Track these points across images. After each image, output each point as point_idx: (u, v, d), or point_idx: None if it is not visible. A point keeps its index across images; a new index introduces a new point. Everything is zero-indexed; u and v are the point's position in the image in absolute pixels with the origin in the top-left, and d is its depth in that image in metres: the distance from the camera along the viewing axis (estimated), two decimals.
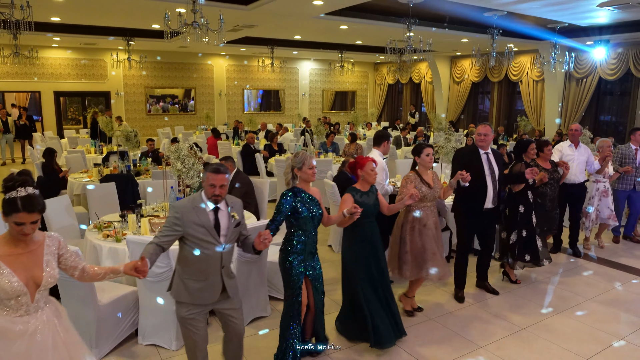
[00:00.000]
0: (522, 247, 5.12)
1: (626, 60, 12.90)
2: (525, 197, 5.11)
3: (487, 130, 4.74)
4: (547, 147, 5.58)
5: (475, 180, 4.49)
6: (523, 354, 3.97)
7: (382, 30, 11.39)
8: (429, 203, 4.36)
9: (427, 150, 4.37)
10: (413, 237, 4.32)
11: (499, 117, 16.95)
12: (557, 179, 5.73)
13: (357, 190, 3.88)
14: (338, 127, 15.59)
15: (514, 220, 5.11)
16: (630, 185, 6.69)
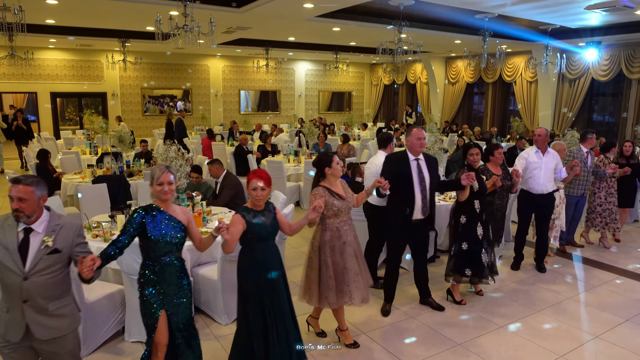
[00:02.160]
0: (463, 261, 4.72)
1: (618, 62, 13.00)
2: (470, 207, 4.69)
3: (422, 134, 4.37)
4: (497, 150, 5.19)
5: (403, 188, 4.24)
6: (500, 350, 4.07)
7: (375, 32, 11.50)
8: (345, 217, 3.86)
9: (336, 158, 3.90)
10: (335, 258, 3.79)
11: (494, 118, 17.06)
12: (507, 187, 5.28)
13: (248, 210, 3.30)
14: (333, 127, 15.70)
15: (456, 232, 4.80)
16: (582, 191, 6.43)
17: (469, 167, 4.80)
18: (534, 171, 5.57)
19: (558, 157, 5.69)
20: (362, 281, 3.86)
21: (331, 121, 19.17)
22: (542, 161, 5.56)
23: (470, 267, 4.69)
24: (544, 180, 5.55)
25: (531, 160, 5.60)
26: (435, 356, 3.98)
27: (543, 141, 5.60)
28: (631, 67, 12.73)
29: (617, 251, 6.75)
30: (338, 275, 3.78)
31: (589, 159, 6.34)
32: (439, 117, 18.20)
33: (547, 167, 5.56)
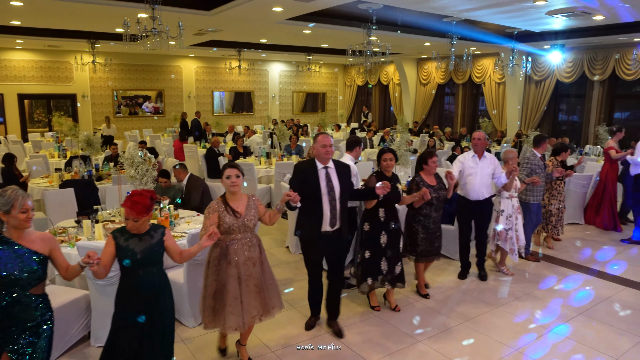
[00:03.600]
0: (364, 270, 4.61)
1: (581, 64, 13.44)
2: (374, 215, 4.53)
3: (328, 141, 4.02)
4: (431, 159, 4.88)
5: (310, 199, 3.92)
6: (457, 346, 4.22)
7: (346, 35, 11.63)
8: (238, 235, 3.52)
9: (228, 171, 3.52)
10: (218, 277, 3.54)
11: (464, 118, 17.40)
12: (442, 197, 4.96)
13: (123, 231, 3.02)
14: (306, 128, 15.79)
15: (360, 240, 4.68)
16: (541, 197, 6.25)
17: (380, 173, 4.59)
18: (469, 177, 5.36)
19: (496, 162, 5.45)
20: (239, 307, 3.50)
21: (305, 122, 19.28)
22: (478, 166, 5.34)
23: (370, 275, 4.59)
24: (479, 186, 5.33)
25: (467, 165, 5.38)
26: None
27: (482, 145, 5.37)
28: (593, 69, 13.17)
29: (560, 249, 7.02)
30: (217, 296, 3.52)
31: (542, 164, 6.17)
32: (411, 118, 18.47)
33: (483, 173, 5.33)
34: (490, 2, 8.09)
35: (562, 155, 6.62)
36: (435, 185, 4.90)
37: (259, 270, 3.63)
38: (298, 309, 4.84)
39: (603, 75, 13.00)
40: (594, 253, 6.80)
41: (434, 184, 4.90)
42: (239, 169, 3.55)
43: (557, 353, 4.12)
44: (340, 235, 4.15)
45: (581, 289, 5.54)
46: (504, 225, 5.61)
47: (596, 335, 4.43)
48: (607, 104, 13.41)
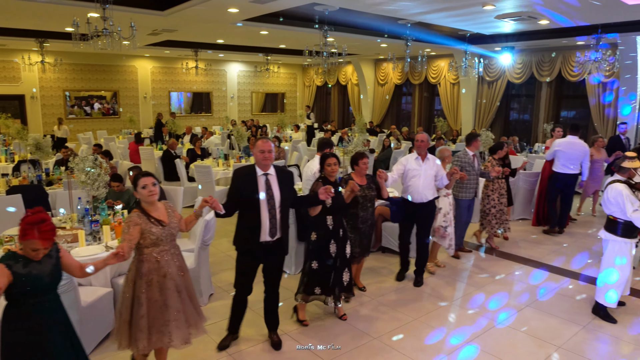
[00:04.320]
0: (312, 280, 4.41)
1: (530, 65, 13.99)
2: (322, 223, 4.35)
3: (267, 146, 3.78)
4: (362, 160, 4.82)
5: (248, 206, 3.77)
6: (411, 342, 4.35)
7: (303, 36, 11.70)
8: (167, 245, 3.33)
9: (143, 180, 3.27)
10: (151, 294, 3.24)
11: (420, 118, 17.79)
12: (370, 197, 4.93)
13: (17, 257, 2.61)
14: (265, 129, 15.75)
15: (307, 249, 4.47)
16: (472, 194, 6.25)
17: (325, 179, 4.43)
18: (413, 179, 5.28)
19: (439, 164, 5.44)
20: (183, 319, 3.33)
21: (265, 122, 19.23)
22: (421, 168, 5.28)
23: (319, 285, 4.41)
24: (423, 188, 5.27)
25: (410, 167, 5.31)
26: None
27: (425, 147, 5.31)
28: (541, 70, 13.74)
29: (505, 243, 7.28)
30: (156, 314, 3.24)
31: (475, 162, 6.16)
32: (369, 118, 18.71)
33: (426, 175, 5.28)
34: (441, 6, 8.32)
35: (498, 154, 6.73)
36: (364, 185, 4.87)
37: (188, 279, 3.47)
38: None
39: (550, 76, 13.58)
40: (537, 247, 7.11)
41: (363, 184, 4.86)
42: (154, 177, 3.35)
43: (504, 344, 4.30)
44: (282, 246, 3.95)
45: (526, 281, 5.80)
46: (442, 222, 5.70)
47: (541, 326, 4.65)
48: (554, 103, 14.04)
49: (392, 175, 5.29)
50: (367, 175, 4.98)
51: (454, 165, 6.02)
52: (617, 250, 4.66)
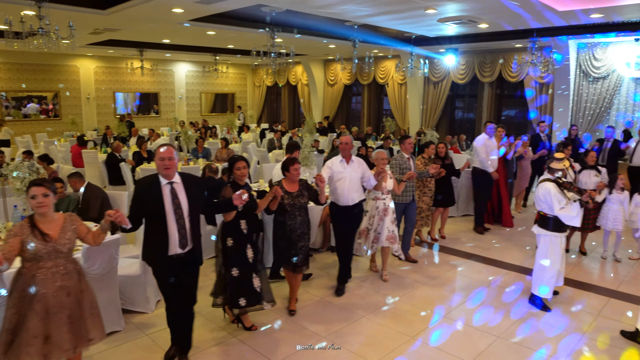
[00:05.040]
0: (236, 290, 4.25)
1: (472, 67, 14.51)
2: (236, 227, 4.23)
3: (168, 153, 3.55)
4: (293, 166, 4.69)
5: (154, 218, 3.56)
6: (358, 339, 4.45)
7: (251, 36, 11.64)
8: (48, 263, 3.07)
9: (33, 190, 3.07)
10: (18, 309, 3.03)
11: (370, 117, 18.09)
12: (301, 205, 4.74)
13: None
14: (215, 130, 15.55)
15: (224, 256, 4.28)
16: (410, 197, 6.20)
17: (234, 183, 4.30)
18: (339, 182, 5.25)
19: (365, 166, 5.39)
20: (40, 346, 3.00)
21: (214, 123, 18.97)
22: (346, 171, 5.26)
23: (244, 295, 4.26)
24: (348, 191, 5.22)
25: (336, 170, 5.26)
26: None
27: (349, 149, 5.31)
28: (483, 71, 14.29)
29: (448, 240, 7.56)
30: (16, 331, 3.01)
31: (411, 163, 6.18)
32: (320, 118, 18.84)
33: (351, 177, 5.25)
34: (385, 9, 8.51)
35: (427, 152, 6.81)
36: (294, 192, 4.70)
37: (75, 300, 3.18)
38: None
39: (492, 77, 14.14)
40: (478, 242, 7.42)
41: (293, 191, 4.70)
42: (48, 187, 3.11)
43: (445, 337, 4.48)
44: (194, 257, 3.76)
45: (468, 276, 6.05)
46: (366, 224, 5.65)
47: (482, 317, 4.87)
48: (495, 103, 14.63)
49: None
50: (301, 181, 4.81)
51: (393, 169, 6.06)
52: (549, 244, 4.95)
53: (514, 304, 5.21)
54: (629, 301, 5.29)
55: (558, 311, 5.05)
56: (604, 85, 12.01)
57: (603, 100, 12.04)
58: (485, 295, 5.47)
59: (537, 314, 5.00)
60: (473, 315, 4.94)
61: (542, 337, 4.53)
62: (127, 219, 3.28)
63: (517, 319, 4.86)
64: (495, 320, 4.83)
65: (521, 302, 5.27)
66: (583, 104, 12.44)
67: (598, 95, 12.12)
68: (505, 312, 5.02)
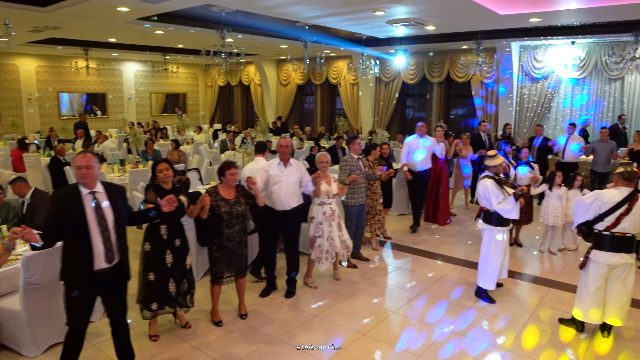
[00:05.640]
0: (149, 294, 4.17)
1: (422, 67, 14.88)
2: (155, 232, 4.11)
3: (85, 161, 3.29)
4: (229, 170, 4.45)
5: (75, 232, 3.26)
6: (311, 338, 4.50)
7: (201, 36, 11.49)
8: None
9: None
10: None
11: (323, 117, 18.21)
12: (238, 213, 4.52)
13: None
14: (166, 131, 15.23)
15: (142, 261, 4.20)
16: (362, 199, 6.16)
17: (158, 187, 4.16)
18: (275, 186, 5.07)
19: (303, 170, 5.24)
20: None
21: (166, 124, 18.58)
22: (283, 174, 5.09)
23: (156, 300, 4.18)
24: (285, 195, 5.06)
25: (272, 174, 5.08)
26: None
27: (288, 152, 5.16)
28: (432, 72, 14.67)
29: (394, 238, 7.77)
30: None
31: (361, 164, 6.12)
32: (273, 118, 18.79)
33: (289, 181, 5.08)
34: (334, 10, 8.59)
35: (372, 154, 6.72)
36: (231, 200, 4.49)
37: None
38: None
39: (440, 77, 14.55)
40: (423, 240, 7.65)
41: (230, 198, 4.50)
42: None
43: (397, 333, 4.60)
44: (122, 271, 3.49)
45: (416, 271, 6.22)
46: (313, 232, 5.43)
47: (431, 312, 5.02)
48: (444, 102, 15.06)
49: (257, 184, 4.89)
50: (238, 187, 4.62)
51: (343, 170, 6.02)
52: (493, 238, 5.16)
53: (460, 297, 5.40)
54: (566, 290, 5.59)
55: (502, 302, 5.27)
56: (545, 85, 12.61)
57: (544, 100, 12.63)
58: (433, 289, 5.64)
59: (482, 306, 5.20)
60: (421, 310, 5.09)
61: (488, 328, 4.72)
62: (37, 236, 3.04)
63: (464, 311, 5.04)
64: (442, 314, 4.99)
65: (467, 295, 5.47)
66: (525, 104, 13.02)
67: (539, 95, 12.71)
68: (452, 305, 5.19)
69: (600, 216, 4.27)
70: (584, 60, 11.92)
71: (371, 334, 4.57)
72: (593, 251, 4.40)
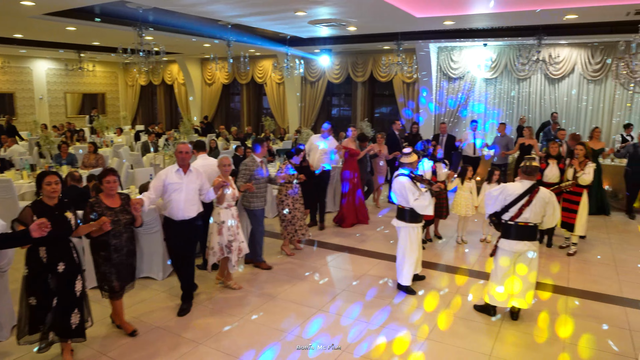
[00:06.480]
0: (33, 320, 3.77)
1: (346, 67, 15.16)
2: (34, 255, 3.68)
3: None
4: (105, 178, 4.21)
5: None
6: (238, 341, 4.46)
7: (118, 33, 11.01)
8: None
9: None
10: None
11: (249, 117, 18.06)
12: (126, 221, 4.27)
13: None
14: (82, 134, 14.43)
15: (23, 284, 3.77)
16: (262, 203, 6.04)
17: (39, 203, 3.71)
18: (174, 194, 4.75)
19: (203, 177, 5.00)
20: None
21: (82, 126, 17.59)
22: (183, 182, 4.78)
23: (41, 323, 3.78)
24: (185, 204, 4.77)
25: (170, 181, 4.75)
26: None
27: (188, 158, 4.87)
28: (356, 71, 14.99)
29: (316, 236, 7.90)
30: None
31: (264, 168, 6.01)
32: (199, 118, 18.38)
33: (188, 189, 4.81)
34: (255, 10, 8.55)
35: (293, 159, 6.65)
36: (117, 208, 4.24)
37: None
38: None
39: (364, 77, 14.90)
40: (343, 238, 7.82)
41: (115, 206, 4.24)
42: None
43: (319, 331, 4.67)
44: None
45: (342, 267, 6.35)
46: (227, 237, 5.33)
47: (352, 307, 5.14)
48: (368, 101, 15.45)
49: (149, 195, 4.67)
50: (123, 195, 4.36)
51: (242, 174, 5.82)
52: (408, 234, 5.37)
53: (382, 292, 5.58)
54: (482, 278, 5.93)
55: (423, 293, 5.50)
56: (461, 85, 13.28)
57: (461, 99, 13.30)
58: (356, 285, 5.77)
59: (404, 298, 5.40)
60: (345, 306, 5.19)
61: (411, 318, 4.91)
62: None
63: (386, 304, 5.21)
64: (365, 309, 5.12)
65: (388, 289, 5.65)
66: (444, 103, 13.64)
67: (457, 94, 13.37)
68: (375, 299, 5.35)
69: (506, 207, 4.59)
70: (495, 62, 12.70)
71: (296, 332, 4.61)
72: (501, 240, 4.72)
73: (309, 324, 4.79)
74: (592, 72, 11.55)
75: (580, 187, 6.62)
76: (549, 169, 7.02)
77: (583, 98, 11.89)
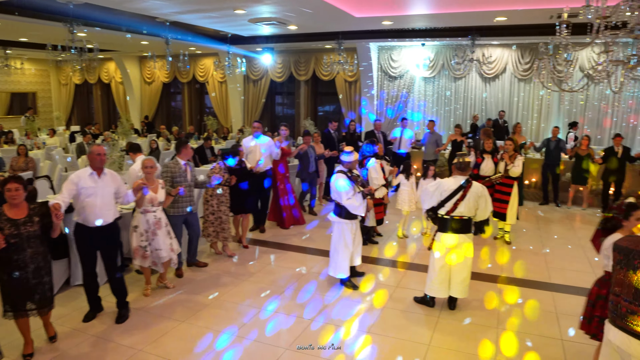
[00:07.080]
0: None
1: (289, 66, 15.17)
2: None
3: None
4: (6, 186, 3.85)
5: None
6: (180, 344, 4.38)
7: (50, 30, 10.45)
8: None
9: None
10: None
11: (192, 116, 17.72)
12: (29, 235, 3.91)
13: None
14: (11, 136, 13.63)
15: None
16: (186, 207, 5.77)
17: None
18: (88, 199, 4.48)
19: (119, 180, 4.77)
20: None
21: (11, 127, 16.58)
22: (97, 185, 4.53)
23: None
24: (100, 208, 4.52)
25: (84, 185, 4.47)
26: None
27: (103, 161, 4.62)
28: (299, 70, 15.04)
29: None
30: None
31: (188, 172, 5.74)
32: (138, 117, 17.82)
33: (104, 193, 4.56)
34: (193, 7, 8.41)
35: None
36: (21, 220, 3.89)
37: None
38: None
39: (307, 75, 14.97)
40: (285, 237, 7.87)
41: (19, 217, 3.90)
42: None
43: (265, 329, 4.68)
44: None
45: (284, 265, 6.38)
46: (140, 242, 5.12)
47: (295, 304, 5.18)
48: (311, 100, 15.54)
49: (63, 199, 4.34)
50: (33, 205, 4.05)
51: (164, 177, 5.54)
52: (341, 229, 5.45)
53: (324, 287, 5.65)
54: (422, 271, 6.12)
55: (364, 288, 5.62)
56: (401, 83, 13.62)
57: (401, 97, 13.65)
58: (299, 281, 5.81)
59: (346, 292, 5.48)
60: (288, 302, 5.22)
61: (351, 312, 5.00)
62: None
63: (334, 299, 5.28)
64: (309, 304, 5.17)
65: (330, 284, 5.73)
66: (385, 101, 13.95)
67: (397, 93, 13.70)
68: (318, 293, 5.41)
69: (442, 202, 4.77)
70: (433, 61, 13.12)
71: (241, 333, 4.59)
72: (437, 233, 4.90)
73: (246, 322, 4.78)
74: (522, 71, 12.18)
75: (510, 179, 7.00)
76: (485, 163, 7.37)
77: (515, 95, 12.53)
